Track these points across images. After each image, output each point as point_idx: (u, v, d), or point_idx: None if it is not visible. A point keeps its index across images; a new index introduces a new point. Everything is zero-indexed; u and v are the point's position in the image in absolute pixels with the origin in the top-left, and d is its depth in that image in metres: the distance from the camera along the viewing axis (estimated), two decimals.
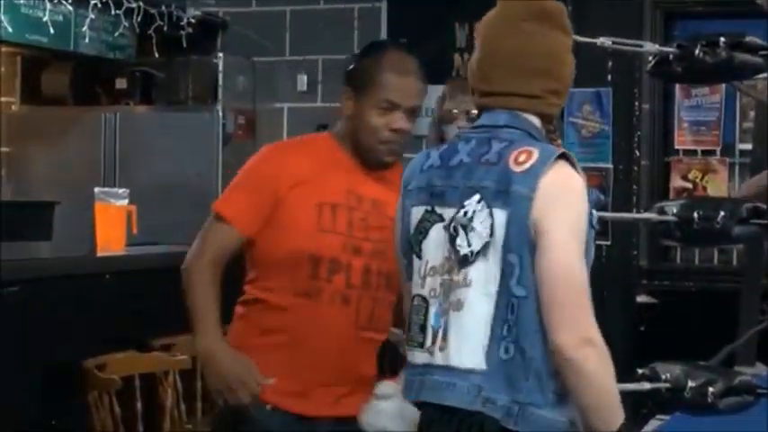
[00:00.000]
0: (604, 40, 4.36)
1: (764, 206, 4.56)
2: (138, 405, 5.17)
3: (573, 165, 2.80)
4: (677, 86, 8.17)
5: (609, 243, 7.73)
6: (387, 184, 3.31)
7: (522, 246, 2.73)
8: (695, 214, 4.29)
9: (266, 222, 3.23)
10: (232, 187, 3.39)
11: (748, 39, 4.43)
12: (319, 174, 3.25)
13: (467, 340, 2.76)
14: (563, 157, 2.79)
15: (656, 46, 4.77)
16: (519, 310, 2.72)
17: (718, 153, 8.05)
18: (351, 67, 3.43)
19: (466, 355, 2.75)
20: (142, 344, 5.38)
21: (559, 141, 2.95)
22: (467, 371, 2.75)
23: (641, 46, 4.76)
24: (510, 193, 2.74)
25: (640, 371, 3.95)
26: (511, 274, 2.73)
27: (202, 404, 5.73)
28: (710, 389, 4.08)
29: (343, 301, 3.19)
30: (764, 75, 4.51)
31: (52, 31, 7.41)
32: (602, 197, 7.81)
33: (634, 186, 8.15)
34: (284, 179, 3.21)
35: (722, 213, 4.36)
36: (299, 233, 3.17)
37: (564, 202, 2.74)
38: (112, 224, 5.95)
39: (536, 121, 2.88)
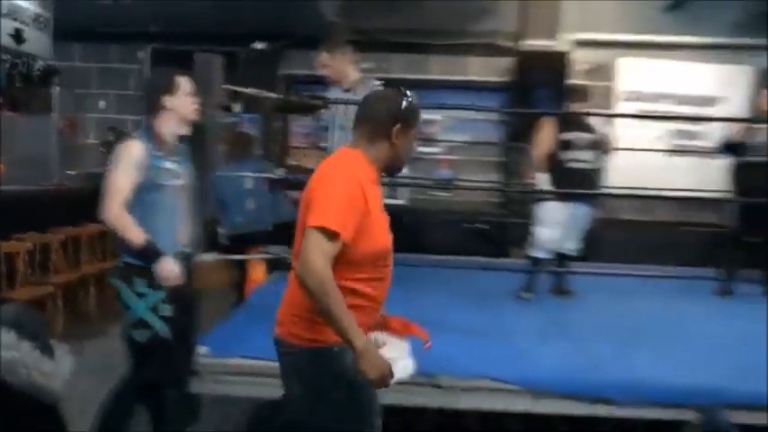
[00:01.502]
0: (251, 90, 4.44)
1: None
2: (3, 267, 4.83)
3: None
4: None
5: None
6: None
7: None
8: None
9: (357, 230, 2.19)
10: (332, 207, 2.13)
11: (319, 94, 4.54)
12: (373, 187, 2.25)
13: None
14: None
15: (274, 95, 4.87)
16: None
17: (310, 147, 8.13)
18: (400, 109, 2.28)
19: None
20: (6, 236, 5.03)
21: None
22: None
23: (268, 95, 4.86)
24: None
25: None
26: None
27: (39, 270, 5.39)
28: None
29: (389, 275, 2.33)
30: (324, 111, 4.06)
31: None
32: None
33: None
34: (368, 197, 2.19)
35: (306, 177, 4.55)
36: (381, 236, 2.25)
37: None
38: None
39: None
